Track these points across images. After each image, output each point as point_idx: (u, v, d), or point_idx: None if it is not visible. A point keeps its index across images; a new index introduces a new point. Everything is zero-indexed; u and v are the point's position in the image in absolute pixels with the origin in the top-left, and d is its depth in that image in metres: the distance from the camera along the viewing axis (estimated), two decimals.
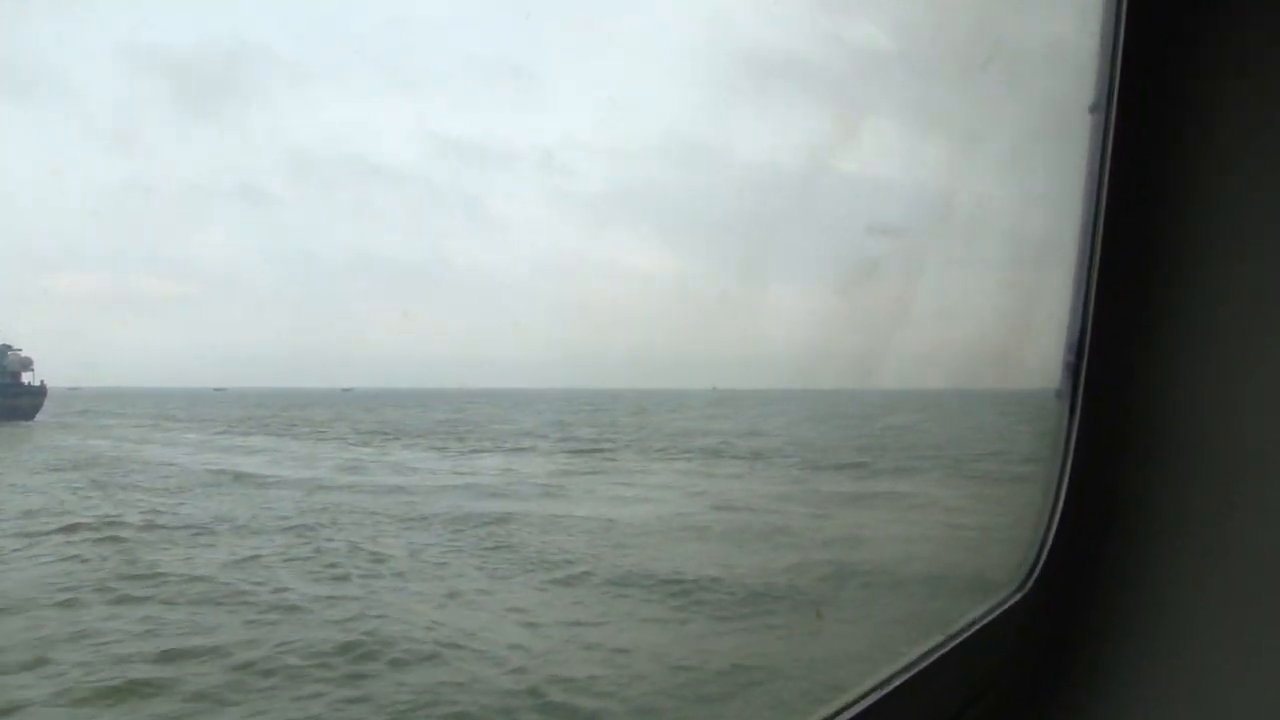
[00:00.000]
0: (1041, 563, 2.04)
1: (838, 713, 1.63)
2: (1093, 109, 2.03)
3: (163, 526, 16.83)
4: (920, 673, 1.77)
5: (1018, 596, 2.02)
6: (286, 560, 14.01)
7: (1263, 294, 1.85)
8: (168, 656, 9.21)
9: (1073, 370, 2.06)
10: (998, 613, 1.99)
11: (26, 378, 46.02)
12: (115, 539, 15.23)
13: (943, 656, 1.83)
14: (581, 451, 33.82)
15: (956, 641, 1.88)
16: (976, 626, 1.94)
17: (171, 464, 28.41)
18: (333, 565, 13.63)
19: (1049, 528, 2.06)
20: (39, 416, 46.77)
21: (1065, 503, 2.04)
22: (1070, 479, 2.05)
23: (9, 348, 43.99)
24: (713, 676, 8.77)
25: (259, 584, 12.32)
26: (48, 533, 15.69)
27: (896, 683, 1.72)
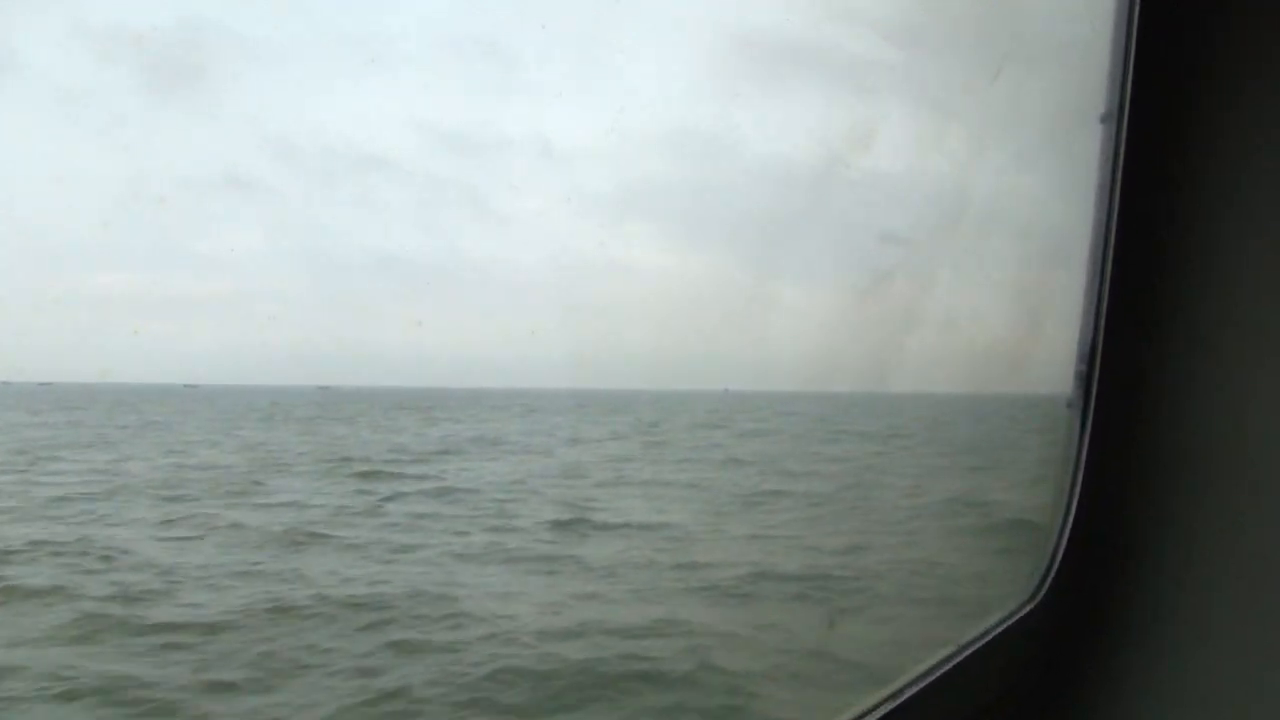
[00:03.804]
0: (1052, 573, 2.03)
1: None
2: (1104, 119, 2.03)
3: None
4: (931, 684, 1.77)
5: (1029, 607, 2.02)
6: None
7: (1277, 307, 1.84)
8: None
9: (1084, 380, 2.06)
10: (1008, 624, 1.98)
11: None
12: None
13: (953, 668, 1.83)
14: None
15: (967, 653, 1.87)
16: (987, 638, 1.93)
17: None
18: None
19: (1060, 538, 2.05)
20: None
21: (1076, 513, 2.04)
22: (1081, 489, 2.04)
23: None
24: None
25: None
26: None
27: (907, 694, 1.72)
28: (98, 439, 30.76)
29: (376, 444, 30.36)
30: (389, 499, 17.54)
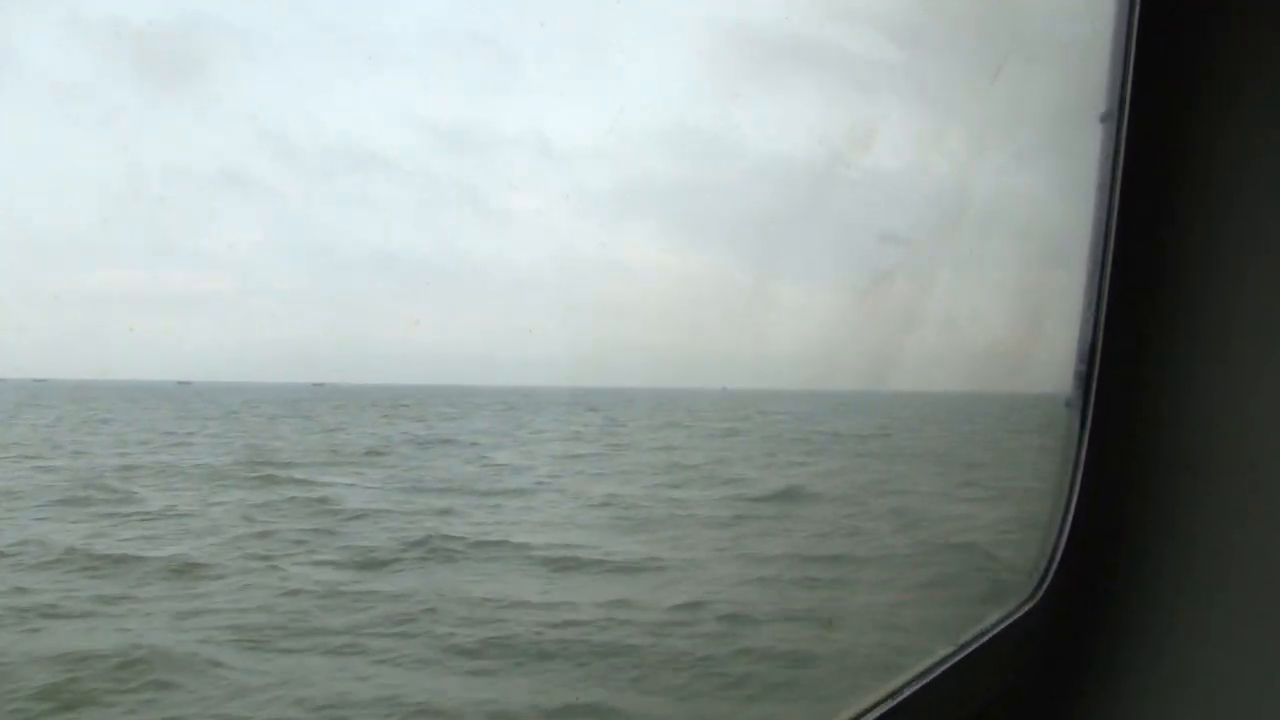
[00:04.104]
0: (1051, 573, 2.03)
1: None
2: (1104, 118, 2.02)
3: None
4: (930, 683, 1.75)
5: (1028, 607, 2.01)
6: None
7: (1276, 307, 1.85)
8: None
9: (1084, 380, 2.05)
10: (1008, 623, 1.98)
11: None
12: None
13: (952, 667, 1.82)
14: None
15: (966, 652, 1.86)
16: (986, 637, 1.92)
17: None
18: None
19: (1059, 537, 2.05)
20: None
21: (1075, 512, 2.03)
22: (1080, 488, 2.04)
23: None
24: None
25: None
26: None
27: (906, 693, 1.70)
28: (17, 438, 28.66)
29: (310, 445, 28.61)
30: (259, 507, 15.71)
